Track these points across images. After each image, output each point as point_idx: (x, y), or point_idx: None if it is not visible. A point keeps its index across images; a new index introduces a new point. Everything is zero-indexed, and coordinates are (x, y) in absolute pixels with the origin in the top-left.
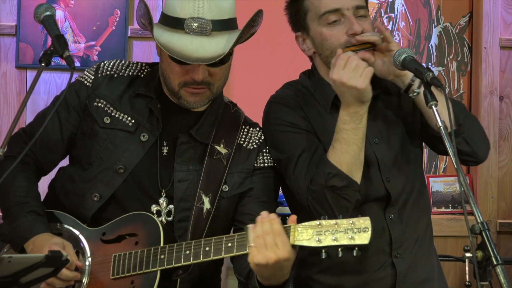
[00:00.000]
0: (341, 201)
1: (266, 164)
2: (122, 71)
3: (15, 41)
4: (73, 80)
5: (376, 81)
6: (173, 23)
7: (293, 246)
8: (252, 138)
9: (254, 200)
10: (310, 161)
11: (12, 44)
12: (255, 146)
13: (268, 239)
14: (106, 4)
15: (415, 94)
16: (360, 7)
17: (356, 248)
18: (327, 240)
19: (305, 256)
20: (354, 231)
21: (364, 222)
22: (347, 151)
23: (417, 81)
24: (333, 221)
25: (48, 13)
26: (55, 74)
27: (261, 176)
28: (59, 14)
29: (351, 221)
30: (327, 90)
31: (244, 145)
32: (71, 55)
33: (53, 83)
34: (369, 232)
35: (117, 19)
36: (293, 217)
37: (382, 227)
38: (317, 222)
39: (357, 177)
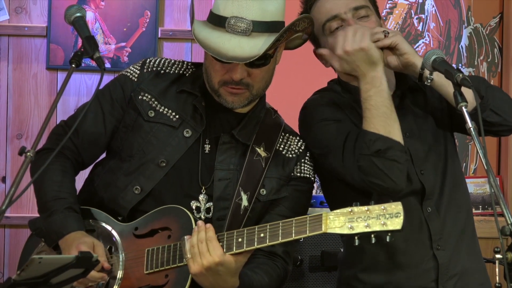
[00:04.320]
0: (391, 164)
1: (302, 174)
2: (168, 68)
3: (46, 43)
4: (105, 79)
5: (400, 79)
6: (216, 21)
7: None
8: (292, 146)
9: (278, 212)
10: (355, 142)
11: (42, 45)
12: (293, 155)
13: (202, 247)
14: (136, 5)
15: (429, 81)
16: (358, 8)
17: (389, 234)
18: (360, 227)
19: (347, 255)
20: (386, 217)
21: (396, 207)
22: (378, 114)
23: (426, 69)
24: (365, 208)
25: (78, 14)
26: (85, 75)
27: (294, 188)
28: (90, 15)
29: (383, 207)
30: (355, 89)
31: (283, 152)
32: (101, 56)
33: (83, 84)
34: (401, 217)
35: (147, 20)
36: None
37: (420, 220)
38: (348, 209)
39: (398, 137)
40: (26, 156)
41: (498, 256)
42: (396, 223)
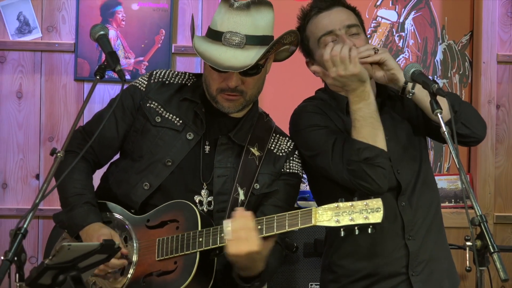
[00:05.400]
0: (377, 170)
1: (291, 170)
2: (172, 79)
3: (74, 57)
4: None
5: (380, 89)
6: (214, 35)
7: (264, 239)
8: (282, 146)
9: (272, 203)
10: (343, 145)
11: (71, 59)
12: (283, 153)
13: (242, 234)
14: (153, 24)
15: (411, 94)
16: (351, 26)
17: (371, 226)
18: (345, 220)
19: (329, 244)
20: (368, 211)
21: (377, 203)
22: (367, 124)
23: (409, 84)
24: (349, 203)
25: (102, 32)
26: (108, 85)
27: (285, 182)
28: (112, 33)
29: (365, 203)
30: (341, 98)
31: (274, 150)
32: (122, 69)
33: (106, 94)
34: (381, 212)
35: (163, 37)
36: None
37: (395, 214)
38: (335, 204)
39: (382, 145)
40: (56, 156)
41: (468, 243)
42: (377, 217)
